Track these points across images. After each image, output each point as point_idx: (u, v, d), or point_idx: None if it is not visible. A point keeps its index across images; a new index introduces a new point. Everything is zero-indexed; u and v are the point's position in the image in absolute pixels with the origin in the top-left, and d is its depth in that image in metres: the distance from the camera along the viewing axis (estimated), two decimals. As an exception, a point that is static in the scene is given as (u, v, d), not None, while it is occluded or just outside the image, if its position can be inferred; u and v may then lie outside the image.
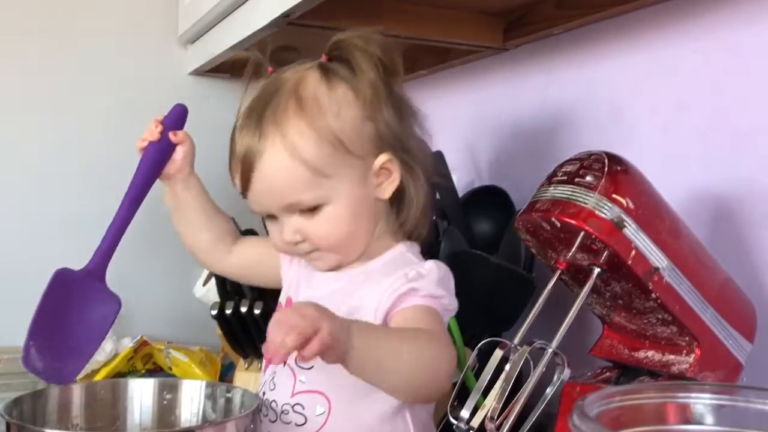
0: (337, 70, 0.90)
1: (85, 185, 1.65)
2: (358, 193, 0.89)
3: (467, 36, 1.30)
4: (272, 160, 0.87)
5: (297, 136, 0.86)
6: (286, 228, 0.91)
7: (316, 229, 0.90)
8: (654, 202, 0.81)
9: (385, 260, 0.93)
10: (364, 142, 0.88)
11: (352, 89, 0.89)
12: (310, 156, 0.86)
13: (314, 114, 0.87)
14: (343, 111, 0.88)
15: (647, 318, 0.82)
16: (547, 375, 0.80)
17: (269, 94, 0.90)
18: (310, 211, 0.89)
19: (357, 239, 0.92)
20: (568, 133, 1.22)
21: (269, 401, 0.93)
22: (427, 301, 0.86)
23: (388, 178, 0.90)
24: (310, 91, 0.88)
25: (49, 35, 1.62)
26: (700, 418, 0.64)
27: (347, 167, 0.88)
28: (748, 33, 0.95)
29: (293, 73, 0.91)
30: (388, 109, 0.90)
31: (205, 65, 1.63)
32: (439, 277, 0.87)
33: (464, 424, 0.80)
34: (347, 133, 0.87)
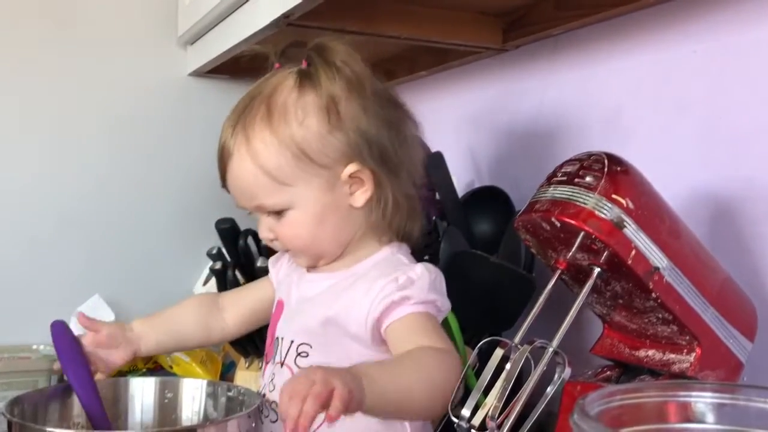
0: (312, 78, 0.90)
1: (85, 185, 1.65)
2: (324, 199, 0.90)
3: (467, 37, 1.31)
4: (238, 162, 0.90)
5: (260, 143, 0.88)
6: (261, 225, 0.94)
7: (283, 231, 0.92)
8: (654, 203, 0.81)
9: (374, 262, 0.93)
10: (330, 151, 0.89)
11: (321, 98, 0.89)
12: (270, 165, 0.88)
13: (279, 122, 0.88)
14: (308, 120, 0.88)
15: (648, 317, 0.82)
16: (548, 374, 0.80)
17: (250, 96, 0.92)
18: (277, 214, 0.91)
19: (325, 243, 0.93)
20: (567, 134, 1.22)
21: (270, 402, 0.93)
22: (420, 308, 0.87)
23: (360, 186, 0.91)
24: (281, 98, 0.89)
25: (49, 35, 1.62)
26: (701, 416, 0.65)
27: (311, 175, 0.89)
28: (747, 33, 0.95)
29: (275, 78, 0.92)
30: (365, 118, 0.89)
31: (204, 66, 1.63)
32: (430, 281, 0.88)
33: (465, 423, 0.80)
34: (310, 142, 0.88)
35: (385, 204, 0.92)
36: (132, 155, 1.70)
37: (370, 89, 0.90)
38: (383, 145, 0.90)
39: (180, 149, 1.72)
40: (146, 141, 1.70)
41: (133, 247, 1.70)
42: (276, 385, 0.93)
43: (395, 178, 0.92)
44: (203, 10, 1.49)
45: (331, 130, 0.88)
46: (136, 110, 1.70)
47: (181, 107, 1.74)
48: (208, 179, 1.69)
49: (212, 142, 1.82)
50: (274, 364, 0.95)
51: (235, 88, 1.73)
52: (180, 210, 1.72)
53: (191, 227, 1.69)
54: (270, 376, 0.95)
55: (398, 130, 0.92)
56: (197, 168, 1.72)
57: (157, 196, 1.71)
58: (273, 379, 0.94)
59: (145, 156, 1.70)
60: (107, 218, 1.67)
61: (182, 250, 1.68)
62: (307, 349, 0.92)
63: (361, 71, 0.90)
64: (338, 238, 0.93)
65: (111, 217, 1.67)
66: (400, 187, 0.92)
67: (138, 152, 1.70)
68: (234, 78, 1.72)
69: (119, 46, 1.68)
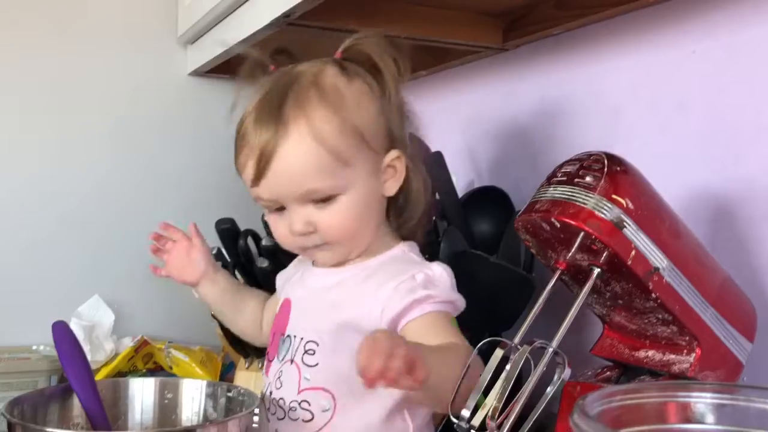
0: (352, 66, 0.91)
1: (84, 185, 1.65)
2: (371, 186, 0.91)
3: (467, 36, 1.31)
4: (297, 144, 0.87)
5: (323, 121, 0.87)
6: (296, 218, 0.90)
7: (329, 219, 0.90)
8: (654, 203, 0.81)
9: (386, 258, 0.93)
10: (380, 136, 0.90)
11: (368, 84, 0.91)
12: (335, 142, 0.87)
13: (337, 103, 0.88)
14: (362, 103, 0.90)
15: (647, 318, 0.82)
16: (548, 374, 0.80)
17: (285, 85, 0.90)
18: (324, 201, 0.89)
19: (365, 232, 0.92)
20: (567, 134, 1.22)
21: (277, 399, 0.93)
22: (442, 307, 0.88)
23: (393, 175, 0.92)
24: (330, 82, 0.89)
25: (49, 35, 1.62)
26: (701, 417, 0.65)
27: (364, 159, 0.89)
28: (748, 33, 0.95)
29: (309, 67, 0.92)
30: (395, 109, 0.92)
31: (205, 65, 1.63)
32: (452, 282, 0.90)
33: (465, 423, 0.80)
34: (367, 125, 0.89)
35: (411, 197, 0.93)
36: (132, 155, 1.70)
37: (405, 79, 0.92)
38: (405, 137, 0.93)
39: (180, 149, 1.72)
40: (146, 141, 1.70)
41: (133, 247, 1.69)
42: (283, 383, 0.93)
43: (418, 171, 0.93)
44: (203, 9, 1.49)
45: (378, 116, 0.90)
46: (136, 110, 1.70)
47: (181, 107, 1.74)
48: (208, 179, 1.72)
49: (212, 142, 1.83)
50: (281, 361, 0.95)
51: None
52: (180, 210, 1.71)
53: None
54: (276, 373, 0.95)
55: (412, 123, 0.95)
56: (197, 168, 1.72)
57: (157, 195, 1.70)
58: (280, 377, 0.94)
59: (145, 156, 1.70)
60: (107, 218, 1.67)
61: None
62: (314, 347, 0.92)
63: (402, 59, 0.92)
64: (376, 227, 0.93)
65: (111, 217, 1.67)
66: (421, 182, 0.94)
67: (138, 152, 1.70)
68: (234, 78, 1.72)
69: (119, 45, 1.68)
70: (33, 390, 0.96)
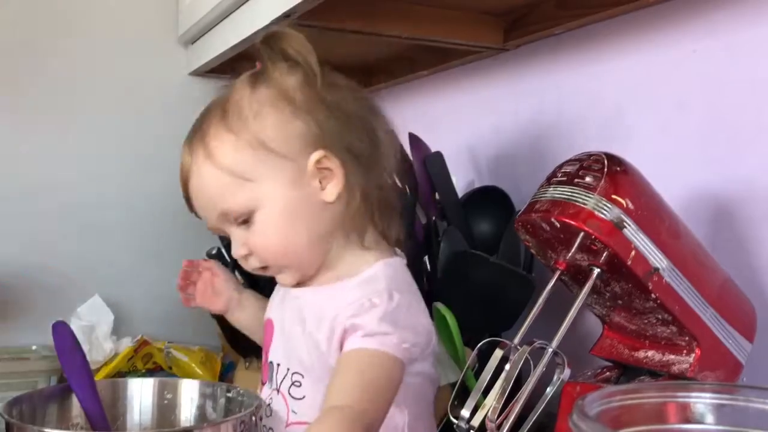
0: (263, 74, 0.88)
1: (84, 184, 1.65)
2: (292, 195, 0.85)
3: (467, 36, 1.30)
4: (198, 170, 0.87)
5: (216, 142, 0.86)
6: (234, 242, 0.89)
7: (255, 239, 0.87)
8: (654, 203, 0.81)
9: (360, 281, 0.87)
10: (292, 140, 0.85)
11: (275, 89, 0.86)
12: (228, 161, 0.85)
13: (234, 119, 0.86)
14: (264, 111, 0.85)
15: (647, 318, 0.82)
16: (547, 375, 0.80)
17: (207, 108, 0.90)
18: (245, 222, 0.87)
19: (300, 246, 0.87)
20: (567, 134, 1.22)
21: (267, 428, 0.91)
22: (368, 342, 0.81)
23: (331, 179, 0.86)
24: (235, 97, 0.87)
25: (49, 35, 1.62)
26: (701, 417, 0.64)
27: (274, 169, 0.85)
28: (748, 33, 0.95)
29: (234, 82, 0.90)
30: (324, 107, 0.86)
31: (205, 65, 1.63)
32: (384, 312, 0.81)
33: (465, 424, 0.80)
34: (268, 132, 0.85)
35: (358, 197, 0.86)
36: (132, 154, 1.70)
37: (325, 79, 0.87)
38: (349, 134, 0.86)
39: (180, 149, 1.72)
40: (146, 140, 1.70)
41: (133, 248, 1.70)
42: (273, 411, 0.91)
43: (366, 170, 0.87)
44: (203, 9, 1.49)
45: (289, 119, 0.85)
46: (136, 110, 1.70)
47: (182, 107, 1.72)
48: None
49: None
50: (270, 388, 0.93)
51: (236, 88, 1.74)
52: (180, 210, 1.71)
53: (191, 227, 1.69)
54: (267, 399, 0.93)
55: (360, 119, 0.88)
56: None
57: (157, 195, 1.70)
58: (270, 404, 0.92)
59: (145, 155, 1.70)
60: (107, 218, 1.67)
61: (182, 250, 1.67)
62: (300, 379, 0.89)
63: (314, 61, 0.86)
64: (314, 241, 0.87)
65: (111, 217, 1.67)
66: (370, 179, 0.87)
67: (138, 151, 1.70)
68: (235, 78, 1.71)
69: (119, 45, 1.68)
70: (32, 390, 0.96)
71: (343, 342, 0.83)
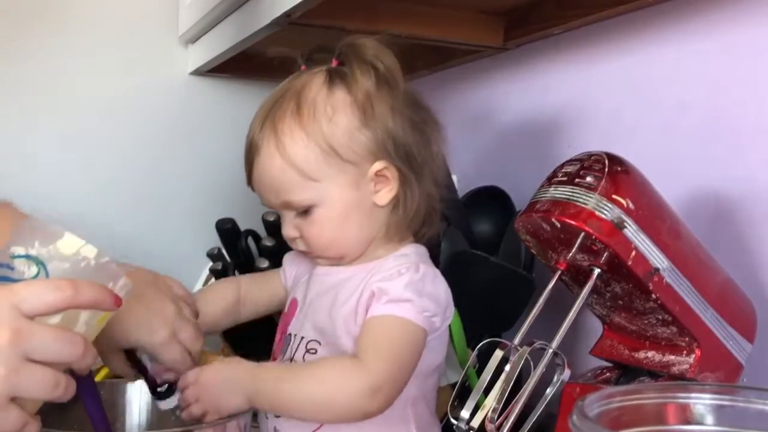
0: (343, 74, 0.90)
1: (85, 184, 1.65)
2: (350, 196, 0.90)
3: (467, 36, 1.30)
4: (266, 158, 0.90)
5: (288, 138, 0.88)
6: (287, 223, 0.93)
7: (309, 230, 0.91)
8: (654, 203, 0.81)
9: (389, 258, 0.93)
10: (358, 148, 0.89)
11: (351, 95, 0.89)
12: (298, 160, 0.88)
13: (308, 117, 0.88)
14: (337, 116, 0.89)
15: (647, 318, 0.82)
16: (548, 375, 0.80)
17: (280, 92, 0.92)
18: (304, 212, 0.91)
19: (349, 242, 0.92)
20: (568, 134, 1.22)
21: None
22: (390, 309, 0.85)
23: (386, 185, 0.91)
24: (311, 95, 0.90)
25: (49, 35, 1.62)
26: (700, 418, 0.65)
27: (338, 171, 0.89)
28: (747, 33, 0.95)
29: (304, 76, 0.92)
30: (391, 118, 0.90)
31: (205, 65, 1.63)
32: (410, 280, 0.86)
33: (464, 424, 0.80)
34: (339, 138, 0.88)
35: (408, 204, 0.92)
36: (132, 154, 1.70)
37: (400, 87, 0.91)
38: (408, 145, 0.91)
39: (180, 149, 1.72)
40: (147, 140, 1.70)
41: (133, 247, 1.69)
42: None
43: (419, 179, 0.92)
44: (203, 9, 1.49)
45: (360, 127, 0.89)
46: (137, 109, 1.70)
47: (182, 106, 1.73)
48: (208, 179, 1.72)
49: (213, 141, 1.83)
50: (283, 360, 0.95)
51: (237, 87, 1.74)
52: (180, 210, 1.72)
53: (191, 227, 1.69)
54: None
55: (423, 131, 0.93)
56: (198, 167, 1.72)
57: (157, 195, 1.70)
58: None
59: (146, 155, 1.70)
60: (107, 218, 1.67)
61: (182, 250, 1.68)
62: (316, 346, 0.92)
63: (393, 67, 0.90)
64: (361, 237, 0.93)
65: (111, 217, 1.67)
66: (423, 188, 0.92)
67: (138, 151, 1.69)
68: (235, 77, 1.72)
69: (120, 45, 1.68)
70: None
71: (369, 306, 0.87)
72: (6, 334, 0.63)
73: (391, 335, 0.85)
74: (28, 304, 0.65)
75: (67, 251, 0.76)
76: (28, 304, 0.65)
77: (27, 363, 0.65)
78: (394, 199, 0.91)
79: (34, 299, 0.66)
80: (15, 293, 0.66)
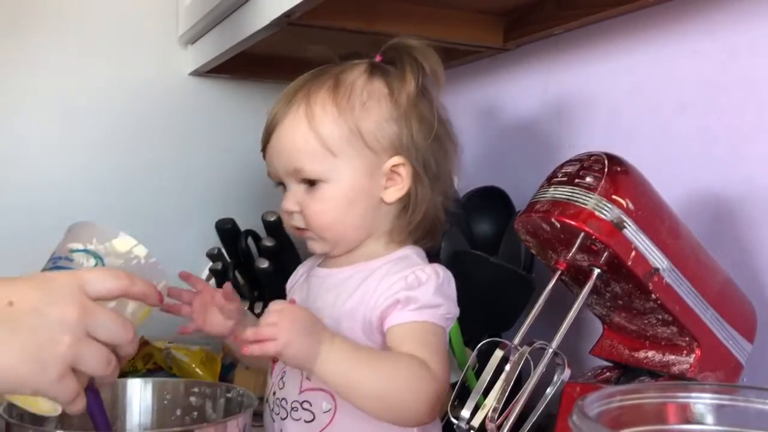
0: (384, 70, 0.92)
1: (84, 185, 1.65)
2: (361, 183, 0.91)
3: (467, 36, 1.31)
4: (292, 122, 0.91)
5: (319, 108, 0.90)
6: (289, 196, 0.93)
7: (312, 204, 0.91)
8: (654, 203, 0.81)
9: (389, 260, 0.93)
10: (383, 138, 0.90)
11: (389, 88, 0.91)
12: (323, 131, 0.89)
13: (343, 96, 0.90)
14: (370, 103, 0.90)
15: (647, 318, 0.82)
16: (548, 375, 0.80)
17: (318, 72, 0.94)
18: (311, 185, 0.91)
19: (347, 228, 0.92)
20: (568, 134, 1.22)
21: (279, 399, 0.93)
22: (422, 315, 0.86)
23: (397, 183, 0.91)
24: (351, 78, 0.91)
25: (50, 35, 1.62)
26: (701, 418, 0.64)
27: (357, 155, 0.90)
28: (747, 33, 0.95)
29: (346, 64, 0.94)
30: (420, 122, 0.91)
31: (205, 65, 1.63)
32: (437, 285, 0.87)
33: (465, 424, 0.80)
34: (367, 124, 0.90)
35: (415, 207, 0.92)
36: (132, 155, 1.70)
37: (440, 88, 0.93)
38: (427, 153, 0.92)
39: (180, 149, 1.72)
40: (146, 140, 1.70)
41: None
42: (285, 383, 0.93)
43: (430, 187, 0.93)
44: (203, 9, 1.49)
45: (389, 120, 0.90)
46: (136, 110, 1.69)
47: (182, 107, 1.73)
48: (208, 179, 1.71)
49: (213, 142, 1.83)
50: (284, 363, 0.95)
51: (236, 87, 1.74)
52: (180, 210, 1.72)
53: (191, 227, 1.69)
54: (279, 374, 0.95)
55: (443, 145, 0.94)
56: (197, 168, 1.72)
57: (157, 195, 1.70)
58: (283, 378, 0.94)
59: (145, 155, 1.70)
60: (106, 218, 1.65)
61: (182, 250, 1.68)
62: None
63: (438, 69, 0.92)
64: (361, 228, 0.93)
65: (110, 218, 1.65)
66: (432, 197, 0.93)
67: (138, 152, 1.69)
68: (235, 78, 1.72)
69: (119, 45, 1.68)
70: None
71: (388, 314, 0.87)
72: (75, 309, 0.71)
73: (439, 341, 0.87)
74: (92, 287, 0.73)
75: (121, 249, 0.86)
76: (92, 287, 0.73)
77: (89, 338, 0.72)
78: (401, 200, 0.92)
79: (98, 283, 0.74)
80: (80, 276, 0.74)
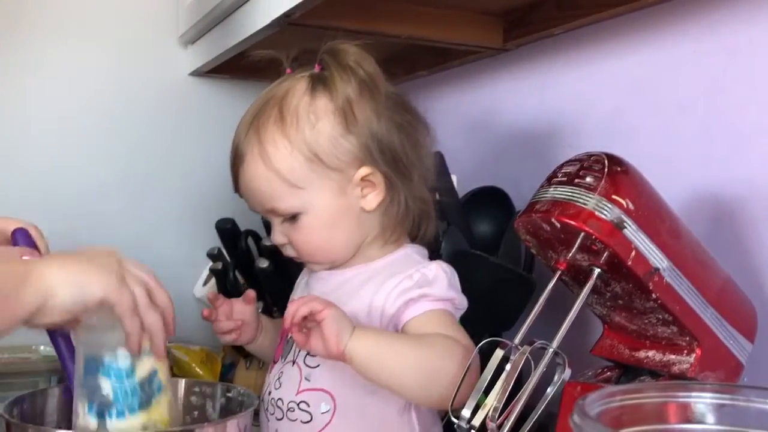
0: (324, 80, 0.91)
1: (84, 185, 1.65)
2: (336, 203, 0.91)
3: (467, 36, 1.31)
4: (250, 166, 0.90)
5: (271, 146, 0.89)
6: (276, 230, 0.94)
7: (296, 236, 0.92)
8: (654, 203, 0.81)
9: (388, 261, 0.93)
10: (342, 154, 0.89)
11: (334, 103, 0.89)
12: (282, 168, 0.89)
13: (291, 126, 0.89)
14: (320, 123, 0.89)
15: (648, 318, 0.82)
16: (548, 375, 0.80)
17: (264, 99, 0.92)
18: (290, 219, 0.91)
19: (336, 247, 0.93)
20: (567, 134, 1.22)
21: (275, 399, 0.93)
22: (438, 305, 0.88)
23: (373, 189, 0.91)
24: (294, 102, 0.90)
25: (49, 35, 1.62)
26: (701, 417, 0.65)
27: (323, 178, 0.89)
28: (747, 33, 0.95)
29: (288, 82, 0.92)
30: (377, 121, 0.90)
31: (205, 66, 1.63)
32: (449, 280, 0.90)
33: (465, 424, 0.80)
34: (322, 145, 0.89)
35: (397, 207, 0.92)
36: (132, 155, 1.70)
37: (382, 92, 0.91)
38: (394, 149, 0.91)
39: (180, 149, 1.72)
40: (146, 141, 1.70)
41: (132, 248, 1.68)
42: (282, 383, 0.94)
43: (407, 181, 0.92)
44: (203, 9, 1.49)
45: (344, 134, 0.89)
46: (136, 110, 1.69)
47: (181, 107, 1.73)
48: (208, 179, 1.71)
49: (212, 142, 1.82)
50: (284, 362, 0.96)
51: (236, 88, 1.74)
52: (180, 210, 1.72)
53: (191, 227, 1.69)
54: (277, 374, 0.95)
55: (409, 134, 0.93)
56: (197, 168, 1.72)
57: (157, 196, 1.70)
58: (280, 377, 0.95)
59: (145, 155, 1.70)
60: (106, 218, 1.67)
61: (182, 250, 1.68)
62: None
63: (374, 73, 0.91)
64: (349, 243, 0.93)
65: (110, 218, 1.67)
66: (412, 190, 0.93)
67: (138, 152, 1.69)
68: (234, 78, 1.72)
69: (119, 45, 1.68)
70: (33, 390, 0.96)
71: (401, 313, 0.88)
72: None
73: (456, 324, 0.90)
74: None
75: None
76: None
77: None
78: (382, 203, 0.92)
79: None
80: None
